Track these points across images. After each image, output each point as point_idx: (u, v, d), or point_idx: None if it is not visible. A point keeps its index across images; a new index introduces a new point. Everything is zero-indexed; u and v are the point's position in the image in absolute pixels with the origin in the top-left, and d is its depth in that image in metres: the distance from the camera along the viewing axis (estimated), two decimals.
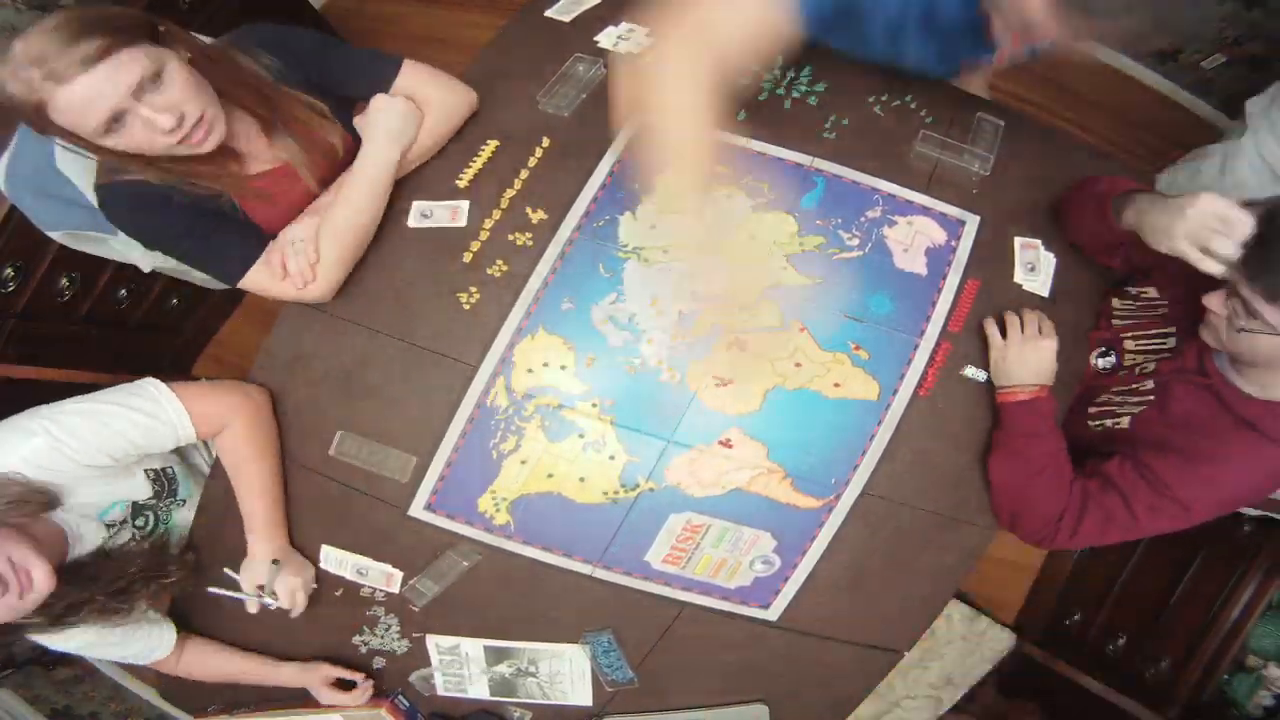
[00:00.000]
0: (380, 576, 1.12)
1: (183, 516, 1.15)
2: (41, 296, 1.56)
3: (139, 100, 0.87)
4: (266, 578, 1.07)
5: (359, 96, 1.10)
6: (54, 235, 1.36)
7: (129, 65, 0.86)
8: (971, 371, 1.08)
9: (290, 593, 1.08)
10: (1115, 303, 1.14)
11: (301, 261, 1.03)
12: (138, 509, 1.06)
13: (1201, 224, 0.82)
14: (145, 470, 1.07)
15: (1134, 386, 1.06)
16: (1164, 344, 1.06)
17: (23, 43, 0.83)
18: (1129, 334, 1.10)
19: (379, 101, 1.06)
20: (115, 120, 0.87)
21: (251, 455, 1.06)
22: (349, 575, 1.12)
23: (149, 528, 1.08)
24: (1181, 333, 1.04)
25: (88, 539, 1.00)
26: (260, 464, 1.07)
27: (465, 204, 1.13)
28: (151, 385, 1.00)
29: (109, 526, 1.02)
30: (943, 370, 1.08)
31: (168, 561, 1.07)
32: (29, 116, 0.86)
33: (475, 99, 1.16)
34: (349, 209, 1.05)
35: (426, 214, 1.13)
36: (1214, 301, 0.87)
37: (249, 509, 1.08)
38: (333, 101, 1.09)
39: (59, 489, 0.94)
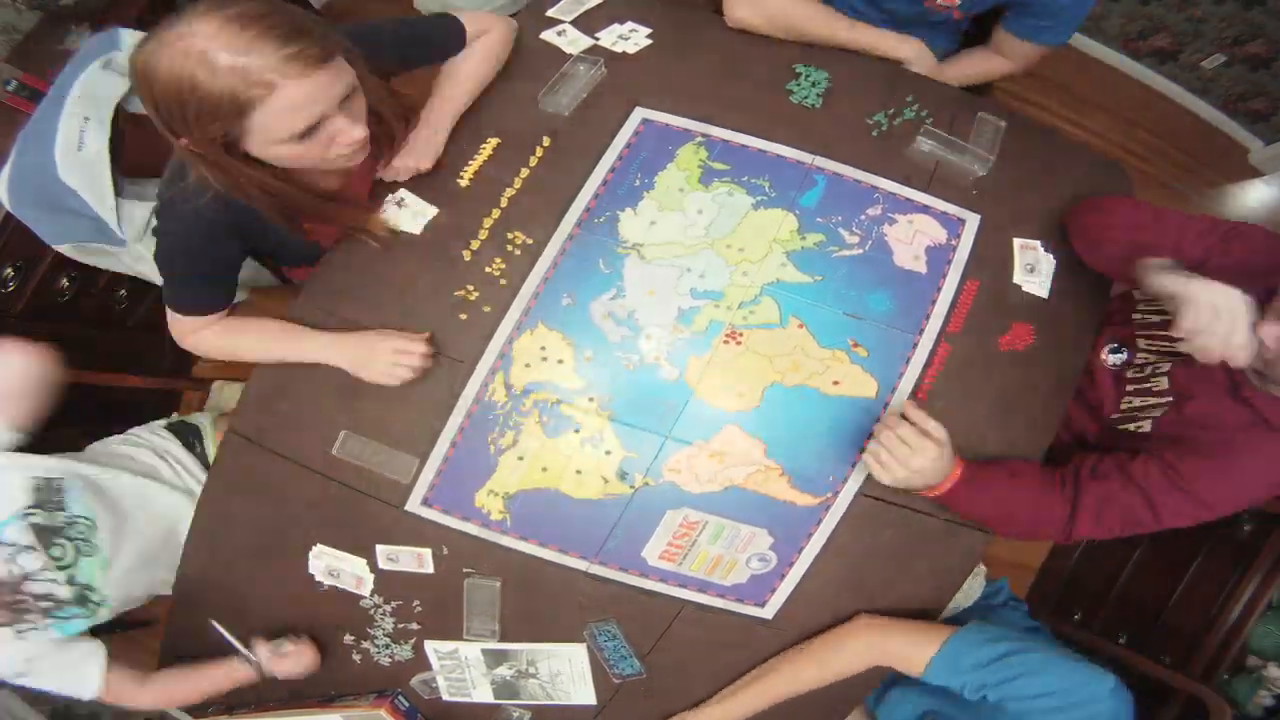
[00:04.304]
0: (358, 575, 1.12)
1: (91, 571, 1.02)
2: (41, 296, 1.56)
3: (340, 110, 0.86)
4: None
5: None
6: (60, 248, 1.33)
7: (343, 74, 0.85)
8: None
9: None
10: (1138, 293, 1.14)
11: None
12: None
13: (1200, 326, 0.81)
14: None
15: (1149, 387, 1.06)
16: (1177, 344, 1.06)
17: (212, 30, 0.75)
18: (1144, 333, 1.11)
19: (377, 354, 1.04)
20: (311, 129, 0.85)
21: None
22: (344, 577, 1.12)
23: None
24: None
25: None
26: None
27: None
28: None
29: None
30: (941, 372, 1.08)
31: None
32: (226, 111, 0.79)
33: (515, 25, 1.22)
34: (264, 344, 1.08)
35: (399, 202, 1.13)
36: (1269, 333, 0.82)
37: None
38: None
39: None
